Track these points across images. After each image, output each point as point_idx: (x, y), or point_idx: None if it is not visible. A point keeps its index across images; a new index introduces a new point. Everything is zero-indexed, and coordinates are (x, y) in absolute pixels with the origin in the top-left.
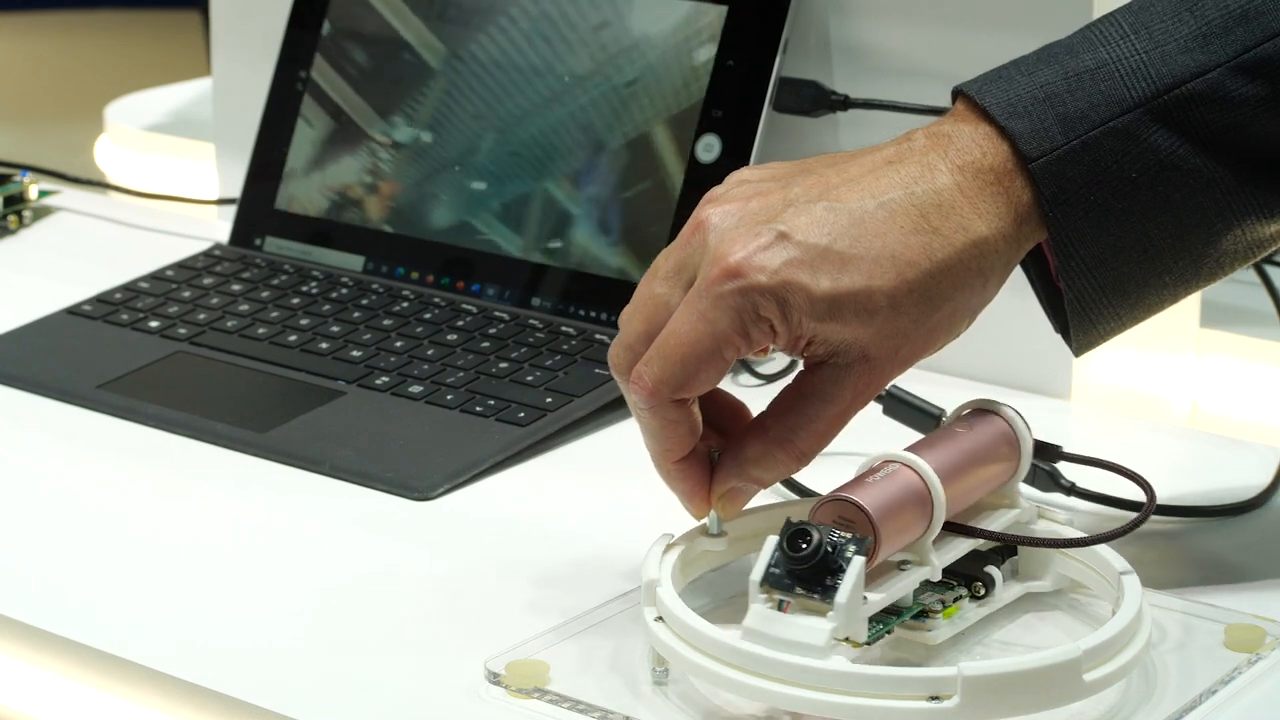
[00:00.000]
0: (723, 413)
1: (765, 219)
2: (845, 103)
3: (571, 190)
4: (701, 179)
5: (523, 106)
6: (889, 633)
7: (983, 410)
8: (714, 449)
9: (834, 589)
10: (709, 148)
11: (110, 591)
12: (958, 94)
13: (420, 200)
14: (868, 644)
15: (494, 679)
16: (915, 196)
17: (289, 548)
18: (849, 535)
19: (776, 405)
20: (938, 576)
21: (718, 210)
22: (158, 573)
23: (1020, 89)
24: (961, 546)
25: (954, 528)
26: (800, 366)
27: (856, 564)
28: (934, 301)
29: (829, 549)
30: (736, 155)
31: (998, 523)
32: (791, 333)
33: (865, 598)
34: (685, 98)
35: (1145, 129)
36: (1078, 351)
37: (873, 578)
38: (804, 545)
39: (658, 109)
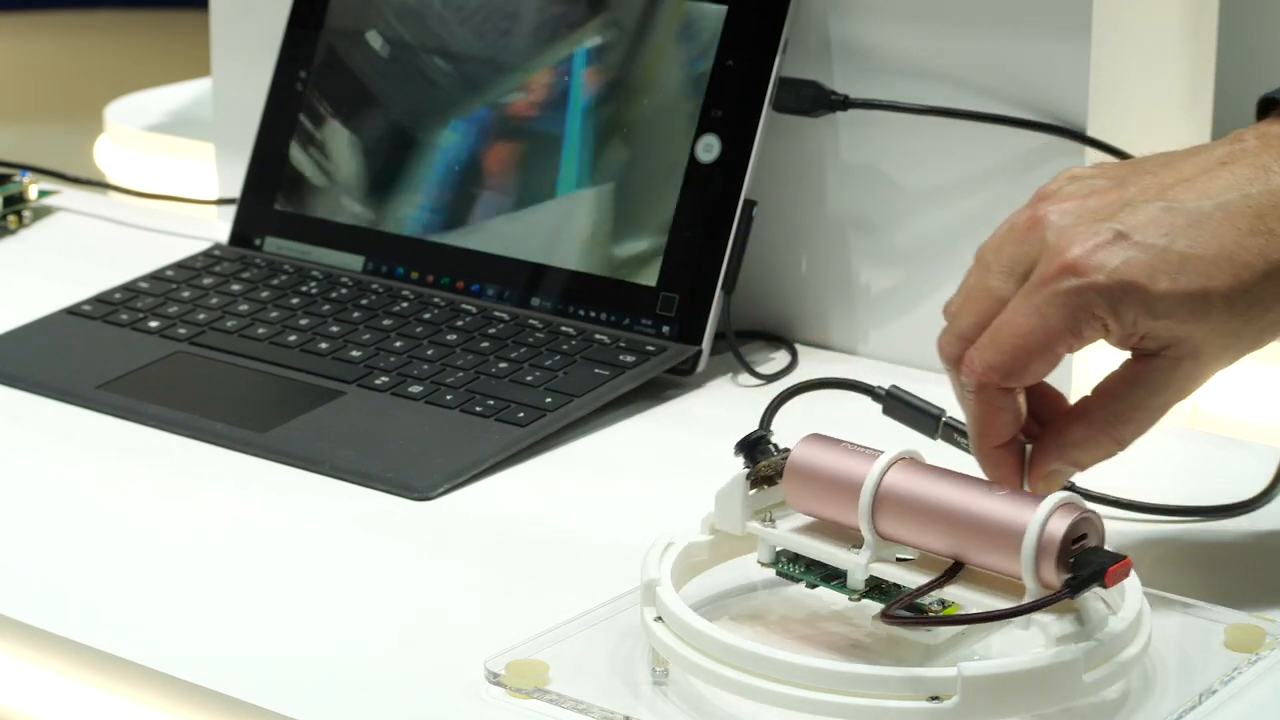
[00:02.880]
0: (1042, 402)
1: (1103, 217)
2: (845, 103)
3: (571, 190)
4: (701, 179)
5: (521, 105)
6: (810, 585)
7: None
8: (1026, 439)
9: None
10: (709, 148)
11: (110, 591)
12: (1268, 102)
13: (420, 200)
14: (776, 572)
15: (494, 679)
16: (1251, 198)
17: (289, 548)
18: (773, 456)
19: (1101, 392)
20: (857, 576)
21: (1056, 208)
22: (158, 573)
23: None
24: (902, 575)
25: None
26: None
27: (739, 471)
28: (1267, 302)
29: (757, 451)
30: (736, 155)
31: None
32: (1124, 330)
33: (773, 520)
34: (685, 98)
35: None
36: None
37: (826, 531)
38: (745, 439)
39: (657, 109)
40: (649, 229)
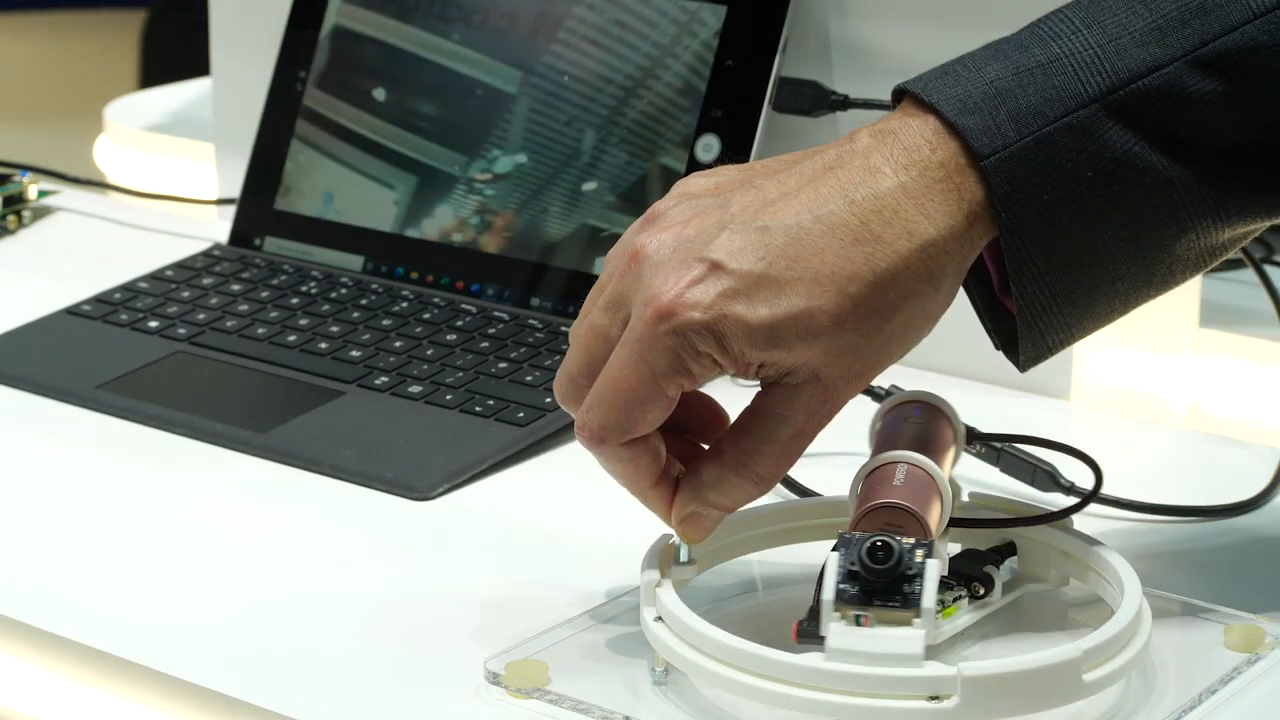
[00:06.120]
0: (700, 415)
1: (698, 248)
2: (845, 103)
3: (571, 190)
4: None
5: (521, 106)
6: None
7: (920, 402)
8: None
9: (915, 596)
10: (709, 148)
11: (110, 591)
12: (902, 92)
13: (419, 199)
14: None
15: (494, 679)
16: (855, 204)
17: (289, 548)
18: (913, 541)
19: (734, 428)
20: (945, 571)
21: (654, 239)
22: (158, 573)
23: (969, 85)
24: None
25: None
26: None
27: (932, 567)
28: (883, 313)
29: (904, 557)
30: (736, 155)
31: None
32: (735, 362)
33: (941, 601)
34: (685, 98)
35: (1101, 125)
36: (1024, 366)
37: None
38: (885, 557)
39: (657, 109)
40: None
